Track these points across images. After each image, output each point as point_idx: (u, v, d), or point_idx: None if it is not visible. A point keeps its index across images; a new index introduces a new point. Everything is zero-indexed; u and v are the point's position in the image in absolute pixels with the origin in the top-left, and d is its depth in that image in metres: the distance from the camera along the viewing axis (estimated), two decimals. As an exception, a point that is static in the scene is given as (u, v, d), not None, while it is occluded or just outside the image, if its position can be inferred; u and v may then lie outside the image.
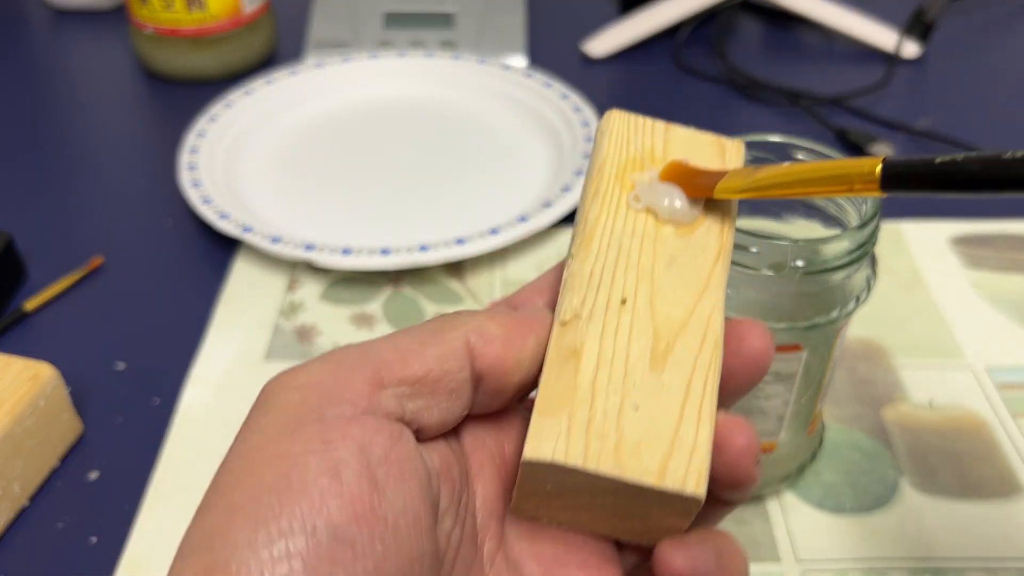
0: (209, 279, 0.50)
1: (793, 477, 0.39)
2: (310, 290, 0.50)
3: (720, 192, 0.25)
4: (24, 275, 0.50)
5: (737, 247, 0.31)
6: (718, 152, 0.27)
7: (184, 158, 0.55)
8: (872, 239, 0.33)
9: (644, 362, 0.22)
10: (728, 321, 0.24)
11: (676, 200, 0.25)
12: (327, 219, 0.54)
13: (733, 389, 0.23)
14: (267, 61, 0.71)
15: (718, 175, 0.25)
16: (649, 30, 0.71)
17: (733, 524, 0.38)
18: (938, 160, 0.21)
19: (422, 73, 0.66)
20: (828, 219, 0.35)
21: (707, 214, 0.26)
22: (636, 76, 0.69)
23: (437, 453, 0.22)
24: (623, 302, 0.23)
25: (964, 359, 0.45)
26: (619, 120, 0.28)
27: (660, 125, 0.28)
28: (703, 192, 0.25)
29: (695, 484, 0.20)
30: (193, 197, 0.52)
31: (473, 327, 0.22)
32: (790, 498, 0.39)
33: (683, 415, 0.21)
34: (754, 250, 0.31)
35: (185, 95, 0.66)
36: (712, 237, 0.25)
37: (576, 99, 0.61)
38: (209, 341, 0.47)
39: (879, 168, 0.22)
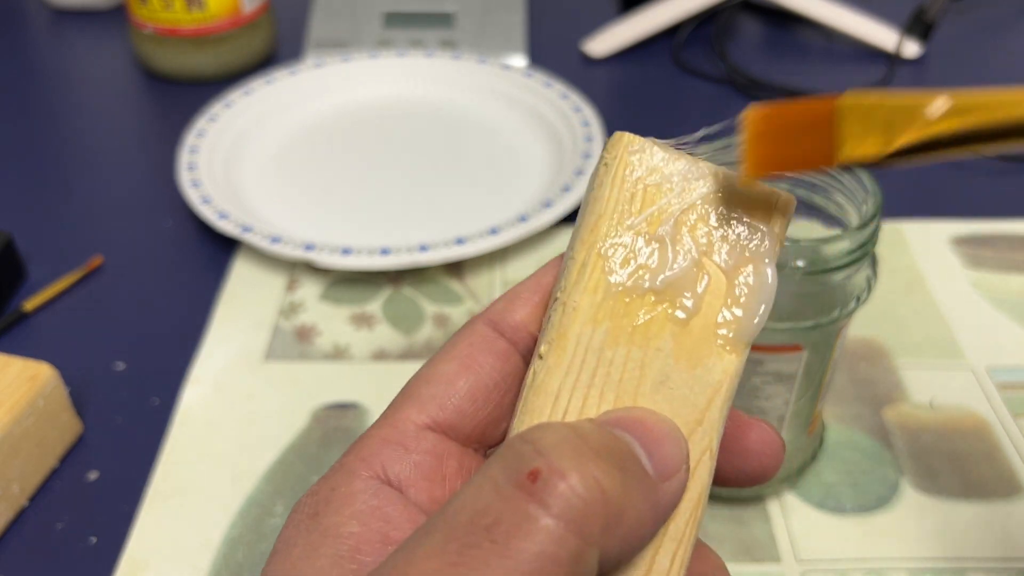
0: (208, 279, 0.50)
1: (793, 477, 0.39)
2: (310, 290, 0.50)
3: (855, 156, 0.18)
4: (24, 275, 0.50)
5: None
6: (764, 208, 0.21)
7: (183, 158, 0.55)
8: (873, 239, 0.32)
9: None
10: (734, 417, 0.21)
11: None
12: (327, 219, 0.54)
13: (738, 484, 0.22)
14: (267, 61, 0.71)
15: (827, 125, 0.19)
16: (649, 30, 0.71)
17: (734, 524, 0.38)
18: None
19: (422, 73, 0.66)
20: (829, 219, 0.35)
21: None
22: (636, 76, 0.69)
23: None
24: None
25: (964, 359, 0.45)
26: (629, 149, 0.21)
27: (686, 163, 0.21)
28: (811, 164, 0.19)
29: None
30: (193, 197, 0.52)
31: None
32: (790, 498, 0.39)
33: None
34: (754, 250, 0.31)
35: (184, 95, 0.66)
36: (720, 355, 0.20)
37: (576, 99, 0.61)
38: (208, 341, 0.46)
39: None
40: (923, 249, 0.52)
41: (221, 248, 0.52)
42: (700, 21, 0.72)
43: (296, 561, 0.19)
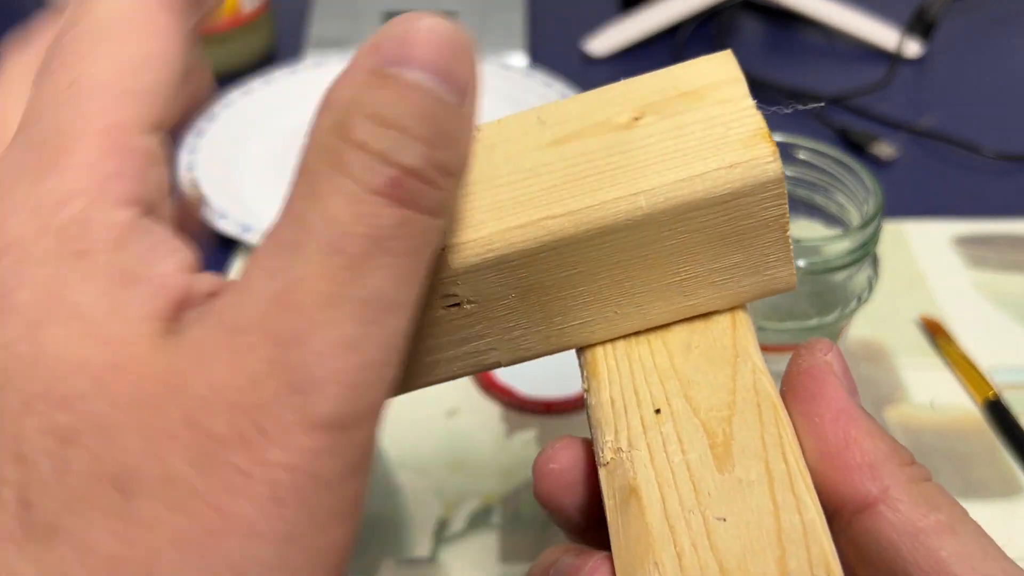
0: (208, 279, 0.50)
1: (794, 478, 0.39)
2: (309, 290, 0.50)
3: None
4: (22, 275, 0.50)
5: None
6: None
7: (183, 158, 0.55)
8: (874, 239, 0.32)
9: (709, 466, 0.20)
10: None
11: None
12: (326, 219, 0.54)
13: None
14: (266, 60, 0.71)
15: None
16: (650, 29, 0.71)
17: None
18: None
19: (422, 72, 0.66)
20: (830, 219, 0.35)
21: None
22: (637, 75, 0.69)
23: None
24: (657, 412, 0.21)
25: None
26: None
27: None
28: None
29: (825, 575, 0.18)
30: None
31: None
32: (791, 499, 0.39)
33: (777, 504, 0.19)
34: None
35: (184, 94, 0.66)
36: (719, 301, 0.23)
37: (576, 98, 0.61)
38: (208, 341, 0.46)
39: None
40: (924, 249, 0.52)
41: (221, 248, 0.52)
42: (701, 20, 0.72)
43: (92, 329, 0.16)
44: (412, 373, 0.24)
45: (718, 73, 0.21)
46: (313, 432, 0.16)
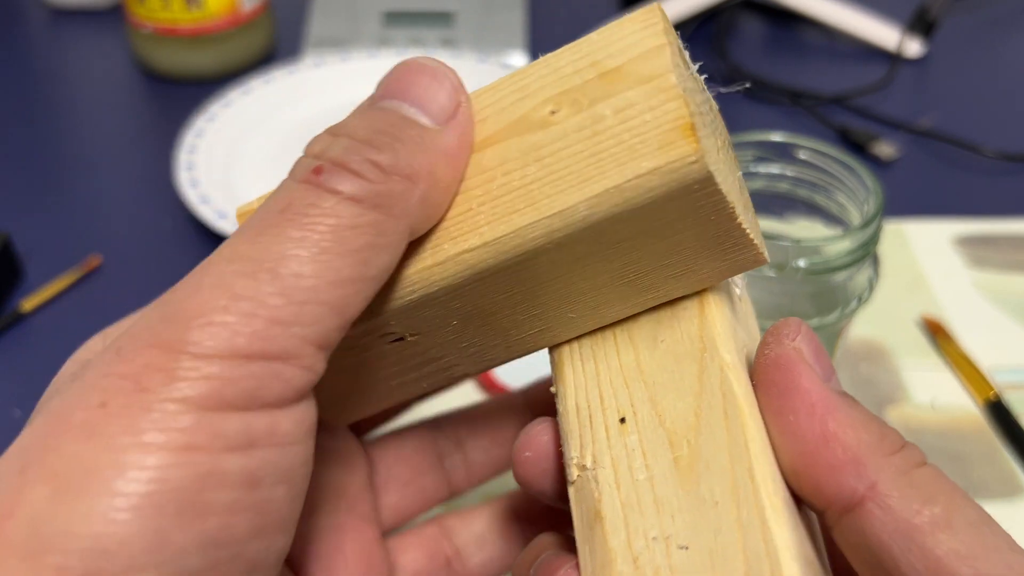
0: (207, 279, 0.50)
1: (794, 478, 0.39)
2: (309, 290, 0.49)
3: None
4: (21, 275, 0.50)
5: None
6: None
7: (182, 157, 0.55)
8: (874, 239, 0.32)
9: (673, 483, 0.19)
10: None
11: None
12: (326, 219, 0.53)
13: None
14: (265, 60, 0.70)
15: None
16: (650, 29, 0.71)
17: (734, 526, 0.38)
18: None
19: (422, 72, 0.66)
20: (830, 218, 0.35)
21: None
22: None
23: None
24: (622, 421, 0.20)
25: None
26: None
27: None
28: None
29: None
30: (191, 196, 0.52)
31: None
32: (791, 500, 0.39)
33: (743, 527, 0.17)
34: (755, 250, 0.31)
35: (183, 94, 0.66)
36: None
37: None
38: (207, 341, 0.46)
39: None
40: (925, 249, 0.52)
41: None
42: (701, 20, 0.72)
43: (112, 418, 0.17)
44: (381, 396, 0.24)
45: (641, 40, 0.18)
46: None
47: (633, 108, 0.18)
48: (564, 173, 0.18)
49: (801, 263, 0.31)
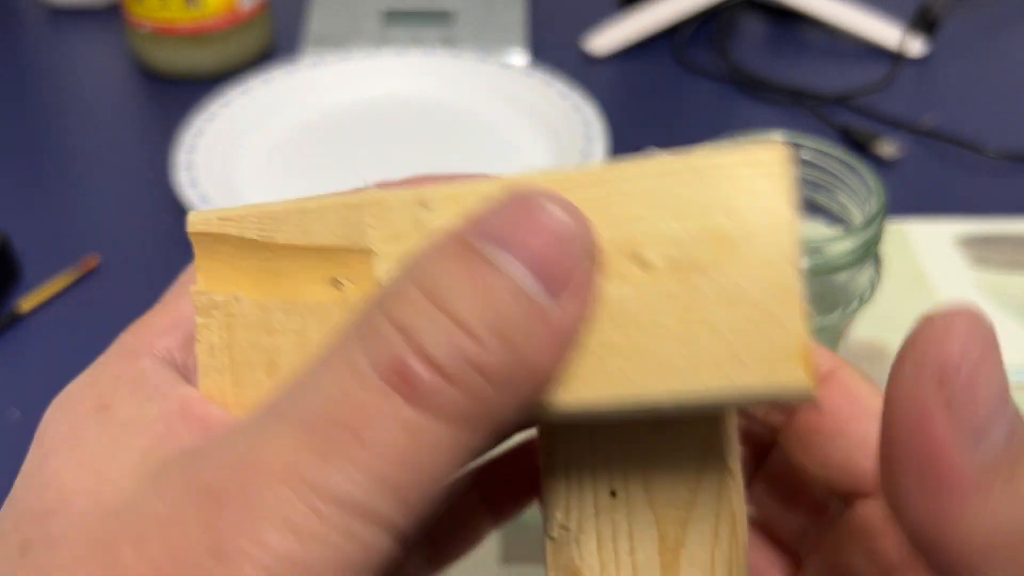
0: (206, 279, 0.50)
1: (796, 480, 0.39)
2: (307, 290, 0.49)
3: None
4: (19, 275, 0.50)
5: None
6: None
7: (181, 157, 0.55)
8: (876, 239, 0.32)
9: (654, 570, 0.18)
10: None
11: None
12: (325, 218, 0.53)
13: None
14: (264, 59, 0.70)
15: None
16: (651, 28, 0.71)
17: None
18: None
19: (421, 71, 0.65)
20: (832, 218, 0.35)
21: None
22: (638, 74, 0.69)
23: None
24: (613, 495, 0.19)
25: (969, 360, 0.45)
26: None
27: None
28: None
29: None
30: (191, 196, 0.52)
31: None
32: (793, 501, 0.38)
33: None
34: (756, 250, 0.31)
35: (182, 93, 0.66)
36: None
37: (576, 98, 0.60)
38: (205, 342, 0.46)
39: None
40: (927, 249, 0.52)
41: (218, 248, 0.52)
42: (702, 19, 0.72)
43: (89, 460, 0.17)
44: None
45: (765, 204, 0.15)
46: None
47: (742, 301, 0.15)
48: (647, 347, 0.15)
49: (802, 263, 0.31)
